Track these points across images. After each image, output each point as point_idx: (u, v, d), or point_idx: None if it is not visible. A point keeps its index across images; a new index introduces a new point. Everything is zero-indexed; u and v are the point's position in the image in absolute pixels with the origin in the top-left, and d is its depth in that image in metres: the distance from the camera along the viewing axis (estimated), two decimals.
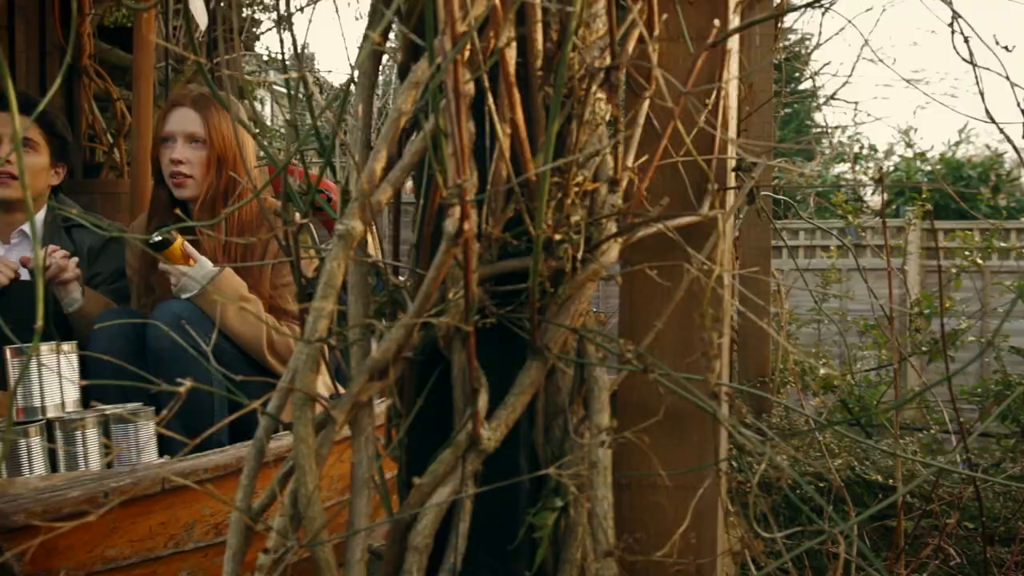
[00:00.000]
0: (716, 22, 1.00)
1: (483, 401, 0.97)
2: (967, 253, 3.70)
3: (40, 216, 2.51)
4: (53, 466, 1.73)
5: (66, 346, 1.82)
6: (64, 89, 4.80)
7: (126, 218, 3.58)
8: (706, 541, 1.10)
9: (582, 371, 1.03)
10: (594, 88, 0.92)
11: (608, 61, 0.94)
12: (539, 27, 0.96)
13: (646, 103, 1.05)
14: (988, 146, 13.90)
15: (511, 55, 0.93)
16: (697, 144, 1.09)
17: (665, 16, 1.05)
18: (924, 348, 3.47)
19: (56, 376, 1.76)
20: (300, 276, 1.13)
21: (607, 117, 1.01)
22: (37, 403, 1.74)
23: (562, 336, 0.99)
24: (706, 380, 0.96)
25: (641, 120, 1.04)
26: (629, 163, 1.02)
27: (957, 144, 14.69)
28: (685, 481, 1.10)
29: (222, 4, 7.79)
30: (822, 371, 3.30)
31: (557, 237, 0.94)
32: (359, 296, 1.02)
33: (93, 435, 1.75)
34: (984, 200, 10.62)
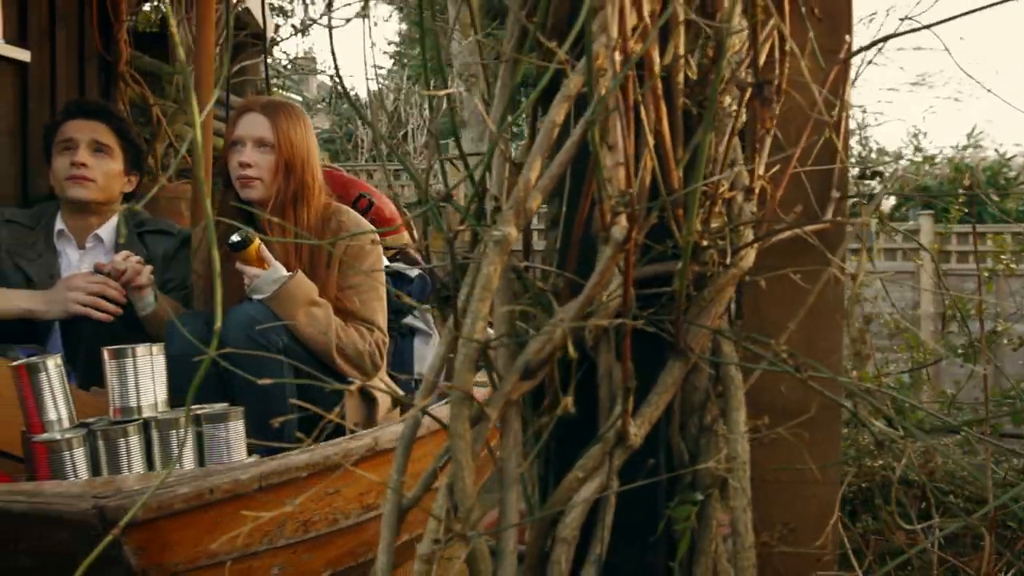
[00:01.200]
0: (847, 38, 1.05)
1: (630, 399, 1.02)
2: (1002, 257, 3.74)
3: (113, 222, 2.56)
4: (149, 464, 1.78)
5: (155, 348, 1.87)
6: (101, 95, 4.85)
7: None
8: (830, 534, 1.15)
9: (716, 370, 1.07)
10: (744, 101, 0.96)
11: (750, 76, 0.98)
12: (682, 42, 1.01)
13: (771, 115, 1.10)
14: (996, 150, 13.95)
15: (655, 69, 0.98)
16: (814, 154, 1.14)
17: (786, 30, 1.10)
18: (960, 351, 3.52)
19: (149, 377, 1.81)
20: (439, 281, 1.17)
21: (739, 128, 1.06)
22: (133, 403, 1.79)
23: (703, 337, 1.04)
24: (854, 378, 1.01)
25: (771, 131, 1.09)
26: (761, 172, 1.07)
27: (966, 148, 14.74)
28: (808, 476, 1.15)
29: (240, 8, 7.85)
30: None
31: (704, 243, 0.99)
32: (505, 298, 1.06)
33: (188, 434, 1.79)
34: (997, 203, 10.65)
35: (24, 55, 4.37)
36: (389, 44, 20.40)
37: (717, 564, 1.08)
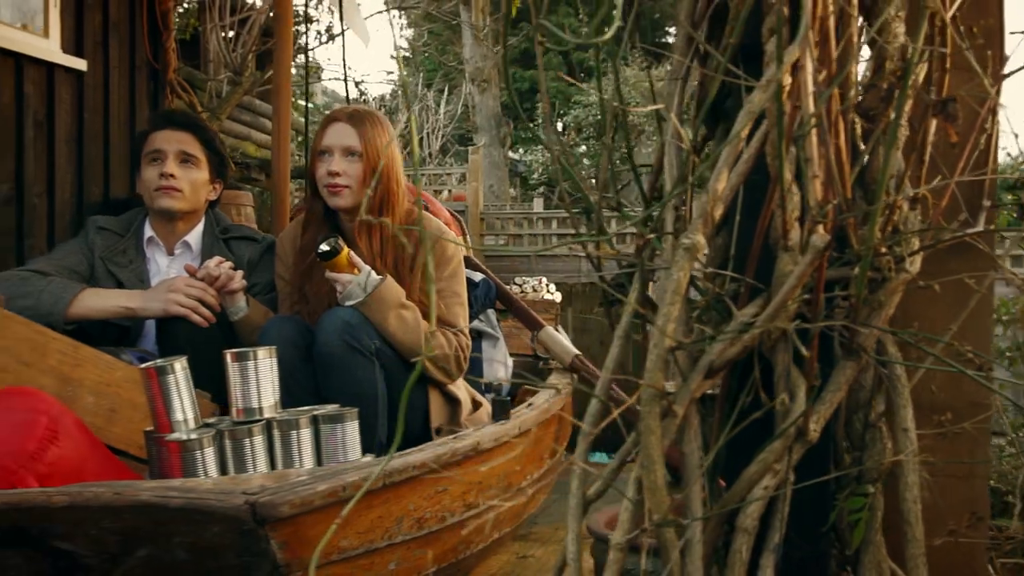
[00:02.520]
0: (1008, 54, 1.11)
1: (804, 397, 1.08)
2: None
3: (200, 229, 2.63)
4: (271, 463, 1.84)
5: (272, 351, 1.93)
6: (151, 103, 4.92)
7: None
8: (978, 528, 1.21)
9: (879, 369, 1.14)
10: (924, 116, 1.03)
11: (932, 94, 1.05)
12: (857, 63, 1.07)
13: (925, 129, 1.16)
14: None
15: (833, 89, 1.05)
16: (960, 165, 1.20)
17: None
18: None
19: (268, 378, 1.87)
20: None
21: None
22: (255, 404, 1.85)
23: (874, 337, 1.10)
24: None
25: (930, 145, 1.15)
26: (924, 183, 1.13)
27: None
28: (959, 471, 1.21)
29: (271, 15, 7.87)
30: None
31: (883, 251, 1.05)
32: (683, 302, 1.13)
33: (307, 434, 1.86)
34: None
35: (81, 64, 4.45)
36: (397, 49, 20.50)
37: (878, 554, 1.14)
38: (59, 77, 4.36)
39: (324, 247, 2.33)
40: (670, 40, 20.81)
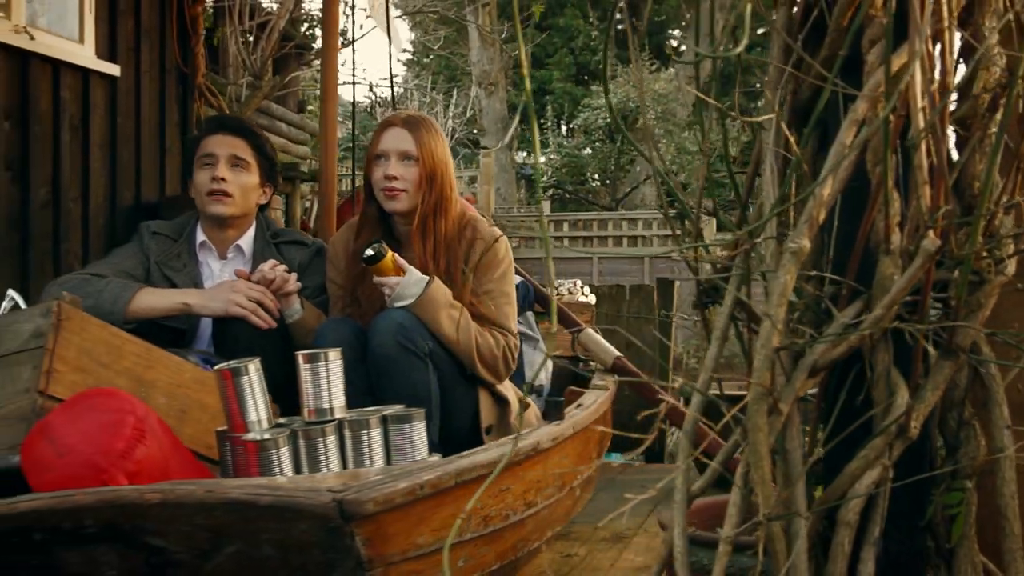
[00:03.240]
0: None
1: (905, 396, 1.12)
2: None
3: (251, 233, 2.67)
4: (343, 463, 1.88)
5: (339, 352, 1.97)
6: (179, 107, 4.97)
7: None
8: None
9: (974, 369, 1.17)
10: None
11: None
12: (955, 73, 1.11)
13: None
14: None
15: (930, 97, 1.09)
16: None
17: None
18: None
19: (338, 379, 1.91)
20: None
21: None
22: (326, 404, 1.89)
23: (971, 337, 1.14)
24: None
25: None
26: (1018, 189, 1.17)
27: None
28: None
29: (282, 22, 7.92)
30: None
31: (983, 254, 1.09)
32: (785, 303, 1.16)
33: (377, 434, 1.89)
34: None
35: (114, 70, 4.50)
36: (403, 52, 20.58)
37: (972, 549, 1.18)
38: (94, 82, 4.40)
39: (368, 252, 2.37)
40: (672, 43, 20.86)
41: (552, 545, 2.90)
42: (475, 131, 17.82)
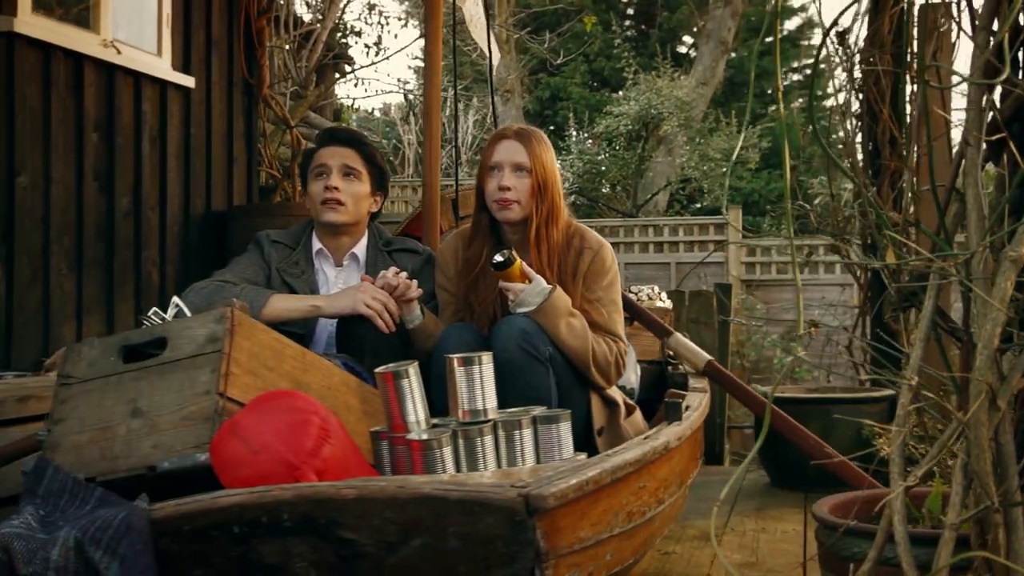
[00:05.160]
0: None
1: None
2: None
3: (364, 241, 2.76)
4: (497, 462, 1.97)
5: (485, 356, 2.06)
6: (245, 117, 5.07)
7: None
8: None
9: None
10: None
11: None
12: None
13: None
14: None
15: None
16: None
17: None
18: None
19: (490, 381, 2.00)
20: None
21: None
22: (480, 406, 1.98)
23: None
24: None
25: None
26: None
27: None
28: None
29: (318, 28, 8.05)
30: None
31: None
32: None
33: (528, 434, 1.98)
34: None
35: (189, 81, 4.61)
36: (414, 59, 20.71)
37: None
38: (170, 94, 4.52)
39: (498, 257, 2.45)
40: (681, 50, 20.92)
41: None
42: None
